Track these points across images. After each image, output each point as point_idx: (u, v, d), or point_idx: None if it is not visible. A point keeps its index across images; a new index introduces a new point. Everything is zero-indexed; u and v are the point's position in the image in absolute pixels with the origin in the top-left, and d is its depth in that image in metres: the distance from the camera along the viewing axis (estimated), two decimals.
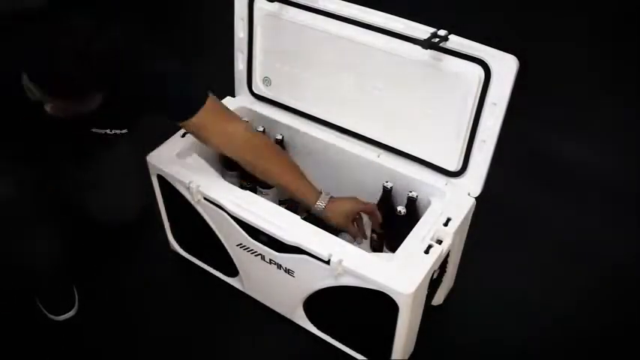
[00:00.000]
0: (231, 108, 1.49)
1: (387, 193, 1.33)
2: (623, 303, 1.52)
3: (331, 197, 1.29)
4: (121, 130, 1.26)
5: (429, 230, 1.19)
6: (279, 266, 1.27)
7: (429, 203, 1.27)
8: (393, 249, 1.20)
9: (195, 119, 1.21)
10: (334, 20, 1.28)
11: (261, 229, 1.22)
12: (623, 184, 1.88)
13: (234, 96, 1.56)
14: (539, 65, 2.12)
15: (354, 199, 1.31)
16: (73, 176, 1.43)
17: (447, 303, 1.46)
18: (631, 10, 2.77)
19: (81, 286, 1.51)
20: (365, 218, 1.37)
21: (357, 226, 1.33)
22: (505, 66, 1.11)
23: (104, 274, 1.59)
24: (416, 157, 1.33)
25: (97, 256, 1.62)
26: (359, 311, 1.24)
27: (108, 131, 1.25)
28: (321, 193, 1.29)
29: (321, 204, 1.27)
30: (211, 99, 1.23)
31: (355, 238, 1.33)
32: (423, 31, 1.17)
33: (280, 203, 1.54)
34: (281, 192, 1.46)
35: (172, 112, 1.23)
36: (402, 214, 1.26)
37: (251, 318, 1.46)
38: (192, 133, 1.27)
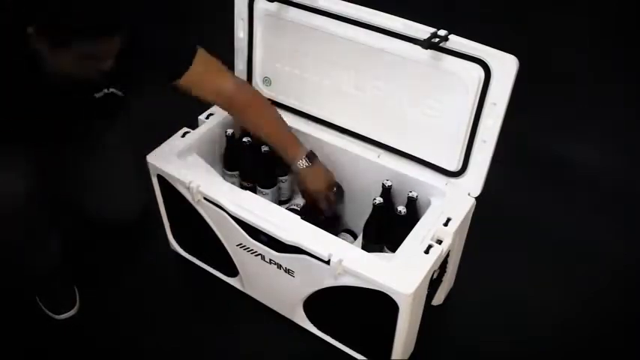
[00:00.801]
0: None
1: (386, 192, 1.33)
2: (623, 303, 1.52)
3: (317, 159, 1.31)
4: (116, 88, 1.23)
5: (429, 230, 1.19)
6: (279, 266, 1.27)
7: (429, 203, 1.27)
8: (393, 249, 1.20)
9: (186, 77, 1.21)
10: (334, 20, 1.28)
11: (261, 229, 1.22)
12: (623, 184, 1.88)
13: None
14: (539, 65, 2.13)
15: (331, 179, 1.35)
16: (74, 175, 1.43)
17: (447, 303, 1.46)
18: (631, 10, 2.77)
19: (81, 286, 1.51)
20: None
21: (328, 200, 1.35)
22: (505, 66, 1.11)
23: (104, 274, 1.59)
24: (416, 157, 1.33)
25: (98, 256, 1.62)
26: (359, 311, 1.24)
27: (106, 90, 1.21)
28: (308, 152, 1.30)
29: (303, 162, 1.29)
30: (200, 53, 1.23)
31: (322, 211, 1.35)
32: (423, 31, 1.17)
33: (280, 203, 1.55)
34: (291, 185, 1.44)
35: (163, 67, 1.22)
36: (402, 214, 1.26)
37: (251, 318, 1.46)
38: (185, 90, 1.26)
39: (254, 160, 1.49)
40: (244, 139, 1.47)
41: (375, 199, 1.29)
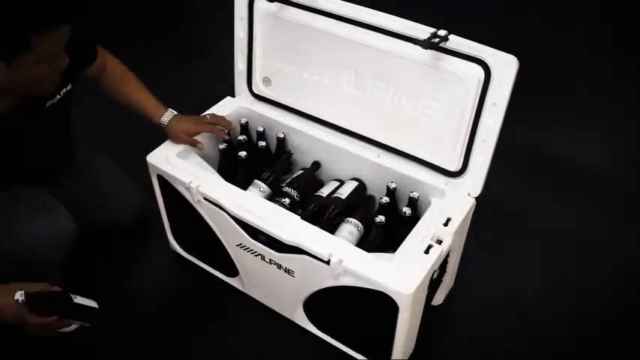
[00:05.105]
0: (231, 108, 1.51)
1: (391, 194, 1.32)
2: (622, 302, 1.52)
3: (176, 115, 1.42)
4: (67, 86, 1.28)
5: (429, 230, 1.19)
6: (279, 266, 1.27)
7: (429, 203, 1.27)
8: (393, 249, 1.20)
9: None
10: (334, 20, 1.28)
11: (261, 229, 1.22)
12: (623, 184, 1.88)
13: (234, 96, 1.56)
14: (539, 65, 2.13)
15: (197, 118, 1.44)
16: (73, 198, 1.43)
17: (447, 303, 1.46)
18: (632, 10, 2.78)
19: (81, 286, 1.51)
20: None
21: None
22: (505, 66, 1.11)
23: (104, 275, 1.59)
24: (416, 157, 1.33)
25: (98, 256, 1.62)
26: (359, 311, 1.24)
27: (58, 96, 1.25)
28: (167, 110, 1.42)
29: (165, 119, 1.40)
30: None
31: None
32: (423, 31, 1.17)
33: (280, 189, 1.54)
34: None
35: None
36: (407, 215, 1.26)
37: (251, 318, 1.47)
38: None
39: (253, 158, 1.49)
40: (240, 137, 1.47)
41: (381, 198, 1.29)
